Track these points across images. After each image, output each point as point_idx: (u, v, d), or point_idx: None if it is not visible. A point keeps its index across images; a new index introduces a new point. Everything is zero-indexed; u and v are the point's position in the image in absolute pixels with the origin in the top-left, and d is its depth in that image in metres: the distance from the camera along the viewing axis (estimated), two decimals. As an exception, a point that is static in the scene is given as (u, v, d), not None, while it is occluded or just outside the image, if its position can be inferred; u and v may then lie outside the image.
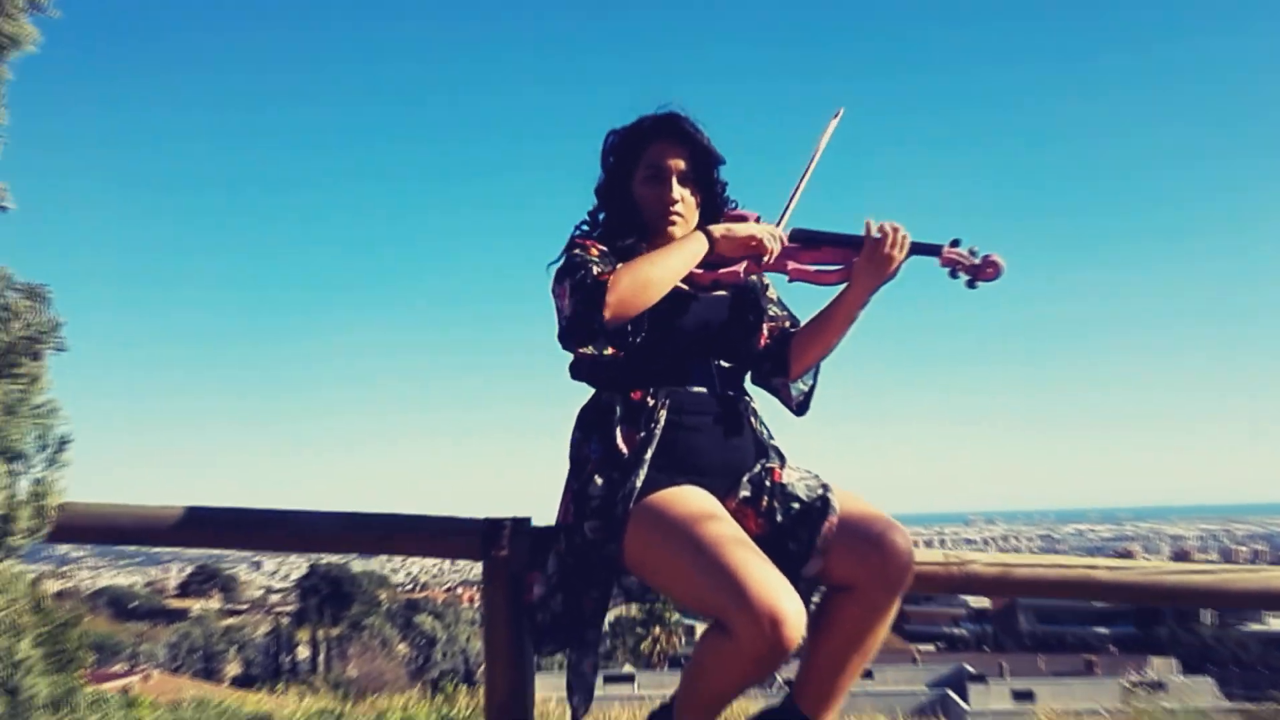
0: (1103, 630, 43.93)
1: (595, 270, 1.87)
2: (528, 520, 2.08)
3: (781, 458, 2.03)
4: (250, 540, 2.13)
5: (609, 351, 1.87)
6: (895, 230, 1.98)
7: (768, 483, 1.93)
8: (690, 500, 1.83)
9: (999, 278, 1.99)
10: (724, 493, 1.91)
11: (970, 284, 2.00)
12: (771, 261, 2.03)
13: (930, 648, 43.81)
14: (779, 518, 1.89)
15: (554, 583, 1.91)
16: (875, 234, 1.99)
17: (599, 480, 1.88)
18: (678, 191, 2.04)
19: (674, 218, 2.04)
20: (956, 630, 52.55)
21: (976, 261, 2.00)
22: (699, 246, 1.98)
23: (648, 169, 2.05)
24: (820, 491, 1.89)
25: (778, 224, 2.08)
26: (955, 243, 2.01)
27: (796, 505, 1.88)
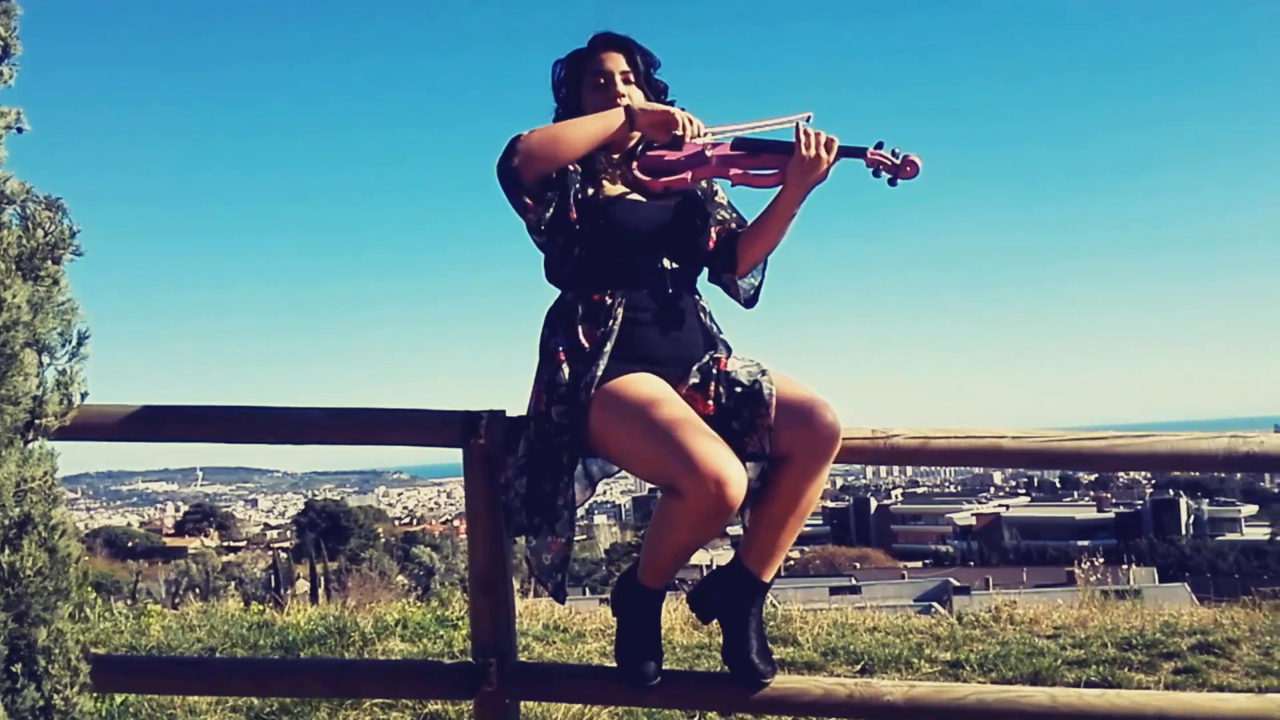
0: (1084, 543, 45.00)
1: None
2: (502, 412, 2.25)
3: (728, 349, 2.24)
4: (255, 434, 2.33)
5: (529, 203, 2.09)
6: (818, 135, 2.15)
7: (714, 370, 2.14)
8: (644, 385, 2.04)
9: (917, 176, 2.15)
10: (676, 380, 2.11)
11: (891, 182, 2.16)
12: (687, 139, 2.17)
13: (918, 564, 44.74)
14: (724, 400, 2.10)
15: (521, 464, 2.12)
16: (801, 139, 2.15)
17: (565, 371, 2.09)
18: (622, 89, 2.23)
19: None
20: (943, 547, 53.67)
21: (897, 161, 2.15)
22: (615, 118, 2.16)
23: (593, 77, 2.24)
24: (759, 377, 2.11)
25: (711, 135, 2.21)
26: (879, 145, 2.17)
27: (739, 389, 2.10)
